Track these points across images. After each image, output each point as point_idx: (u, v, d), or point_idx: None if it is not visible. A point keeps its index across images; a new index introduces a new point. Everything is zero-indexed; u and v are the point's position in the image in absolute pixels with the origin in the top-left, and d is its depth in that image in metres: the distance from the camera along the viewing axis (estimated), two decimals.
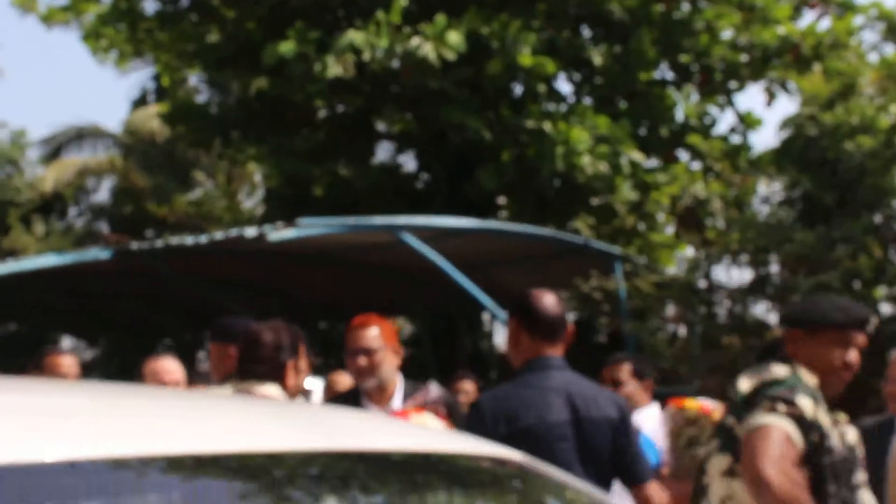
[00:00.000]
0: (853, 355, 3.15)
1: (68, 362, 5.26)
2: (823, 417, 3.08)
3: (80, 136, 25.42)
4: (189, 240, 9.69)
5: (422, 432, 2.24)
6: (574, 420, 3.59)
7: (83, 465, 1.48)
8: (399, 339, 4.41)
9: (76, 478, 1.48)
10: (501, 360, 13.90)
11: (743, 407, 3.13)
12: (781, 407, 3.03)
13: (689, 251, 11.67)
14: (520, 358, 3.76)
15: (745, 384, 3.20)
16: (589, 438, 3.61)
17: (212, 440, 1.71)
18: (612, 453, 3.64)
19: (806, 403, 3.04)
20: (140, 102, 25.18)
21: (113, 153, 24.67)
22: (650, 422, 4.94)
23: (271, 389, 3.73)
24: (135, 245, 10.32)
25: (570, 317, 4.05)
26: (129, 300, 13.68)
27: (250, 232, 9.10)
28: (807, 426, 3.02)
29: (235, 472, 1.67)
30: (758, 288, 9.47)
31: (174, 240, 9.95)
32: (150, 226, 21.59)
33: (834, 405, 3.21)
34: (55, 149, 25.31)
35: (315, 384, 5.67)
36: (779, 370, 3.17)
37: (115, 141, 25.04)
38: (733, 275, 9.97)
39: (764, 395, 3.10)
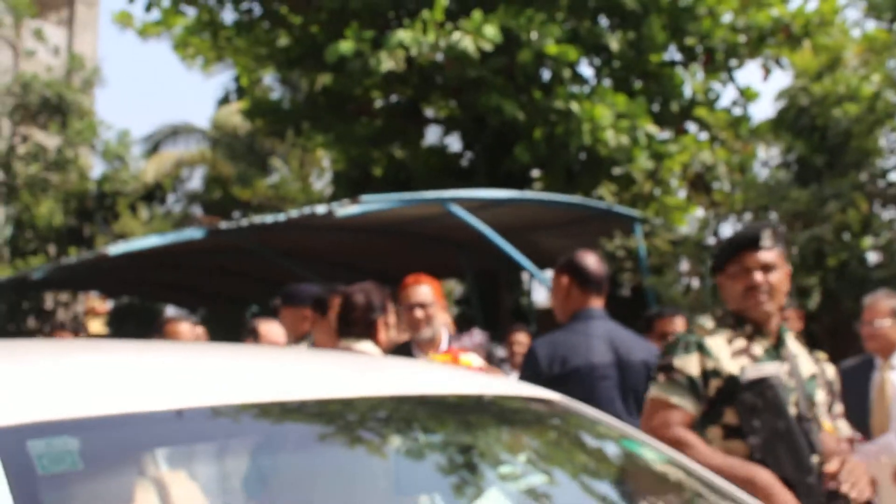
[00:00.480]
0: (756, 277, 2.88)
1: (185, 328, 5.38)
2: (725, 359, 2.85)
3: (175, 132, 25.63)
4: (269, 218, 9.76)
5: (473, 378, 2.25)
6: (615, 362, 3.61)
7: (189, 413, 1.52)
8: (450, 297, 4.43)
9: (183, 424, 1.52)
10: (539, 314, 13.88)
11: None
12: (661, 377, 2.92)
13: (699, 212, 11.54)
14: (568, 309, 3.77)
15: None
16: (628, 378, 3.63)
17: (295, 389, 1.74)
18: (645, 391, 3.65)
19: (685, 362, 2.86)
20: (223, 101, 25.30)
21: (203, 146, 24.84)
22: None
23: (366, 346, 3.70)
24: (224, 225, 10.43)
25: None
26: (220, 272, 13.83)
27: (321, 209, 9.14)
28: (693, 382, 2.85)
29: (315, 416, 1.70)
30: None
31: (257, 219, 10.04)
32: (236, 208, 21.74)
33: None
34: (154, 145, 25.54)
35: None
36: (683, 330, 3.03)
37: (205, 136, 25.21)
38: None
39: (655, 367, 3.02)
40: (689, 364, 2.87)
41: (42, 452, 1.32)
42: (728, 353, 2.88)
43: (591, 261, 3.79)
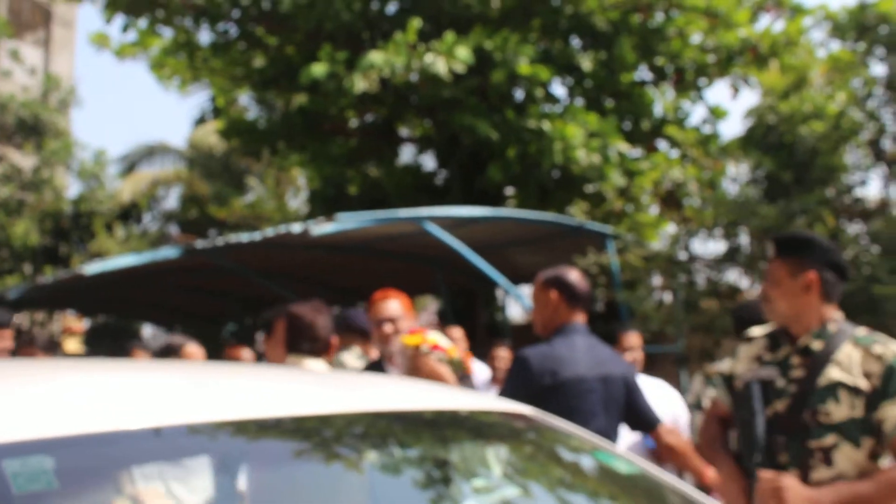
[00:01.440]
0: (762, 287, 3.20)
1: (195, 350, 5.57)
2: (742, 362, 3.18)
3: (151, 152, 25.53)
4: (245, 237, 9.72)
5: (448, 392, 2.25)
6: (599, 376, 3.67)
7: (165, 431, 1.51)
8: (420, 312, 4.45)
9: (159, 442, 1.51)
10: (513, 329, 13.89)
11: None
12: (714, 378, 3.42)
13: (670, 228, 11.62)
14: (553, 324, 3.81)
15: None
16: (609, 391, 3.70)
17: (271, 406, 1.73)
18: (623, 404, 3.74)
19: (723, 364, 3.32)
20: (200, 121, 25.25)
21: (179, 166, 24.75)
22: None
23: (316, 363, 3.72)
24: (200, 244, 10.37)
25: None
26: (197, 291, 13.74)
27: (296, 228, 9.11)
28: (723, 379, 3.26)
29: (292, 432, 1.70)
30: (730, 257, 9.44)
31: (233, 238, 9.99)
32: (212, 227, 21.67)
33: None
34: (130, 164, 25.43)
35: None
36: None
37: (181, 155, 25.13)
38: (709, 246, 9.95)
39: None
40: (724, 366, 3.30)
41: (17, 472, 1.31)
42: (747, 358, 3.19)
43: (577, 277, 3.86)
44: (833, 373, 2.98)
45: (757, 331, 3.24)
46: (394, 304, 4.22)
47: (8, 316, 4.87)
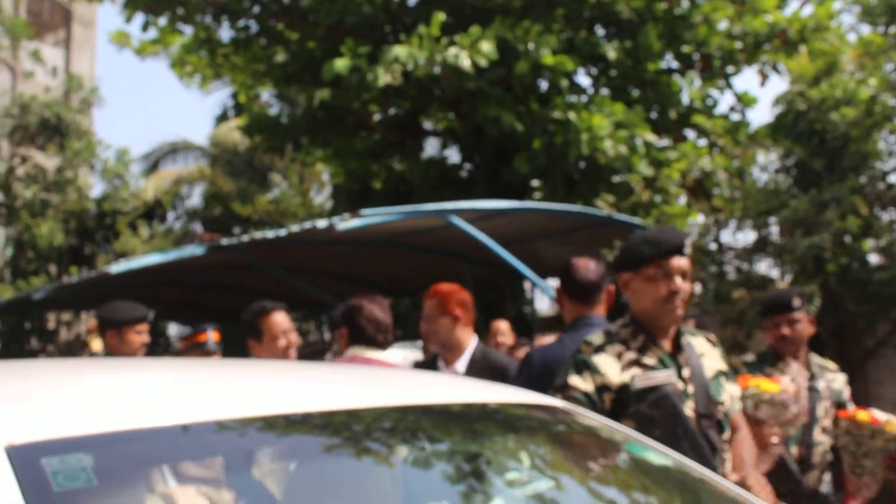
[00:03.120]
0: (676, 282, 2.86)
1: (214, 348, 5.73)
2: (614, 373, 2.84)
3: (174, 150, 25.71)
4: (270, 234, 9.78)
5: (477, 385, 2.27)
6: None
7: (197, 428, 1.54)
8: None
9: (192, 438, 1.54)
10: (543, 322, 13.88)
11: None
12: (559, 397, 2.84)
13: (699, 218, 11.54)
14: (566, 317, 3.70)
15: None
16: None
17: (301, 401, 1.76)
18: None
19: (579, 380, 2.85)
20: (222, 118, 25.40)
21: (202, 163, 24.91)
22: None
23: (380, 353, 3.73)
24: (225, 241, 10.45)
25: None
26: (222, 288, 13.83)
27: (321, 224, 9.15)
28: (589, 398, 2.83)
29: (321, 427, 1.72)
30: (760, 247, 9.39)
31: (257, 234, 10.05)
32: (236, 224, 21.79)
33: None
34: (153, 163, 25.63)
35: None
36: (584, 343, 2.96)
37: (204, 152, 25.28)
38: (738, 237, 9.87)
39: (552, 388, 2.95)
40: (584, 381, 2.86)
41: (57, 469, 1.34)
42: (617, 368, 2.87)
43: (581, 267, 3.64)
44: (710, 363, 2.95)
45: (597, 338, 2.95)
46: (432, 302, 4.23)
47: (144, 311, 4.78)
